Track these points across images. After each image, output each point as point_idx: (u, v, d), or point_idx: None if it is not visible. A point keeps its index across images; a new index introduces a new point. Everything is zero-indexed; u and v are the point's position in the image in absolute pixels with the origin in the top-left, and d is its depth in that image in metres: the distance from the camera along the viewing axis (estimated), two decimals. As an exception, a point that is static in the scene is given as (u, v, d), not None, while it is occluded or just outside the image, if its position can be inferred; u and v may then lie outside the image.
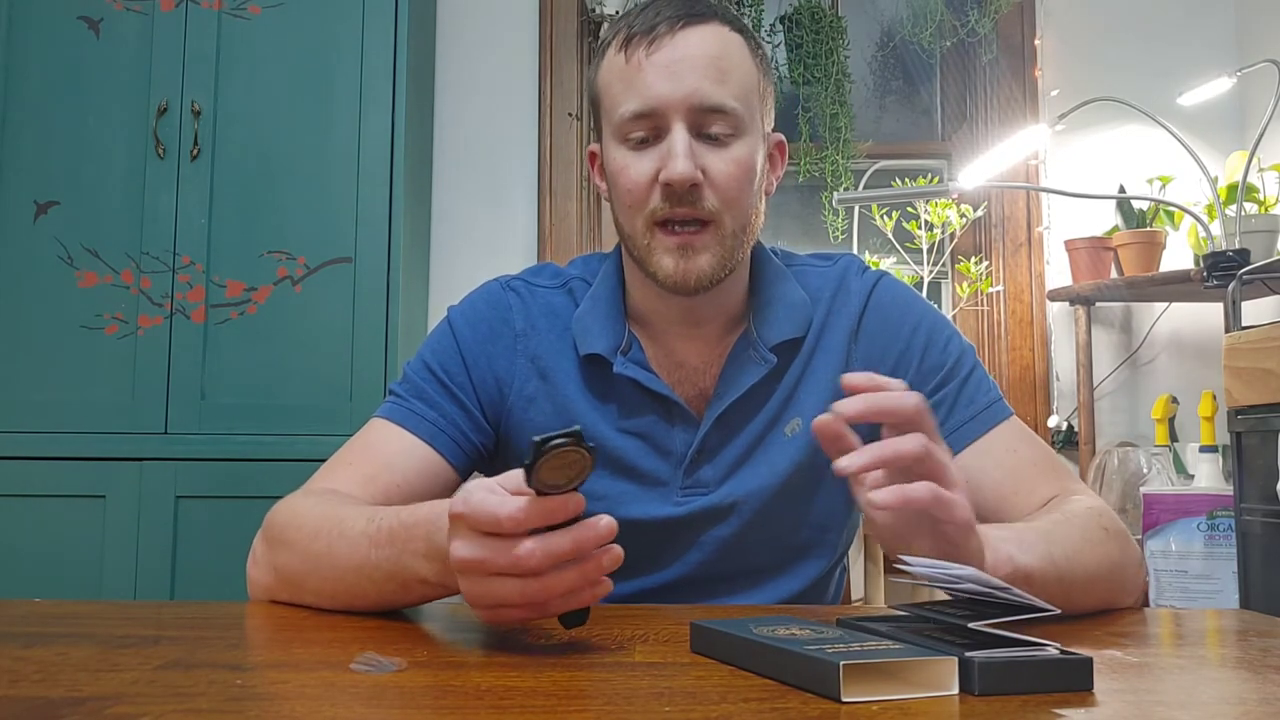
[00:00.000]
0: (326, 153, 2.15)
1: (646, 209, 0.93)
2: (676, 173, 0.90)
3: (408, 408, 0.99)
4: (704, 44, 0.93)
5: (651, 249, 0.94)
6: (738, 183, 0.94)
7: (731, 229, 0.94)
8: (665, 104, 0.91)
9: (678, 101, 0.91)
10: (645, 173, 0.93)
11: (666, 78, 0.91)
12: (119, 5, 2.17)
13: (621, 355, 0.99)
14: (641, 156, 0.93)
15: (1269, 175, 2.37)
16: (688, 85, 0.91)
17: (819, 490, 1.02)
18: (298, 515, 0.89)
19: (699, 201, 0.92)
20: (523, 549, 0.64)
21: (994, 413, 0.99)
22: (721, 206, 0.93)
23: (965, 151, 2.75)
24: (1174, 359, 2.61)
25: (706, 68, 0.92)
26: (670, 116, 0.92)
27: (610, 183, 0.97)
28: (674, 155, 0.91)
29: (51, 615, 0.82)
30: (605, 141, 0.98)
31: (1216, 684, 0.65)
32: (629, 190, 0.94)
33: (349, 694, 0.56)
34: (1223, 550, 2.02)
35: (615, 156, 0.95)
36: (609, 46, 0.97)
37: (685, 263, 0.93)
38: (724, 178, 0.93)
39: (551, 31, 2.64)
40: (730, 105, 0.92)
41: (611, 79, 0.95)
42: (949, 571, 0.63)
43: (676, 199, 0.92)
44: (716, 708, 0.53)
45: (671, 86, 0.91)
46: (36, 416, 2.08)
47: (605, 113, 0.97)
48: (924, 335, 1.02)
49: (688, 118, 0.92)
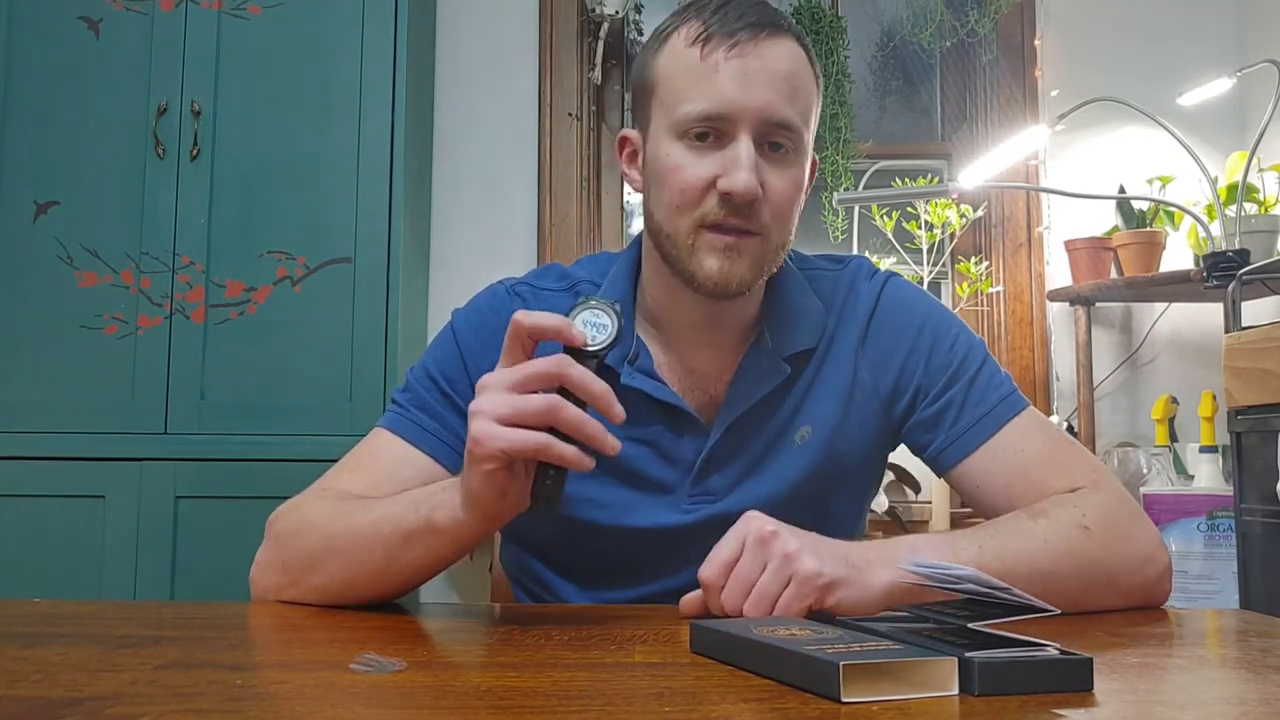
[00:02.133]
0: (326, 152, 2.15)
1: (697, 211, 0.92)
2: (742, 185, 0.89)
3: (409, 418, 0.99)
4: (781, 59, 0.91)
5: (696, 248, 0.93)
6: (791, 201, 0.94)
7: (775, 244, 0.94)
8: (738, 111, 0.90)
9: (751, 111, 0.90)
10: (702, 175, 0.91)
11: (742, 85, 0.90)
12: (119, 5, 2.17)
13: (628, 365, 0.98)
14: (700, 158, 0.91)
15: (1269, 175, 2.37)
16: (762, 97, 0.90)
17: (829, 497, 1.02)
18: (313, 507, 0.91)
19: (755, 216, 0.91)
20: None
21: (1003, 410, 0.98)
22: (772, 222, 0.92)
23: (965, 151, 2.75)
24: (1174, 359, 2.61)
25: (781, 82, 0.91)
26: (739, 124, 0.90)
27: (655, 177, 0.95)
28: (740, 167, 0.89)
29: (51, 615, 0.82)
30: (655, 133, 0.95)
31: (1216, 684, 0.65)
32: (682, 190, 0.92)
33: (349, 694, 0.56)
34: (1223, 550, 2.03)
35: (669, 152, 0.93)
36: (673, 35, 0.94)
37: (730, 265, 0.92)
38: (780, 195, 0.92)
39: (551, 31, 2.64)
40: (796, 123, 0.92)
41: (678, 72, 0.92)
42: (949, 571, 0.63)
43: (734, 209, 0.90)
44: (716, 708, 0.53)
45: (747, 95, 0.89)
46: (36, 416, 2.07)
47: (661, 103, 0.94)
48: (929, 337, 1.02)
49: (756, 129, 0.90)
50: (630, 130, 1.01)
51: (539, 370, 0.73)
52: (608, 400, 0.73)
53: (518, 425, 0.72)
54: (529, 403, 0.72)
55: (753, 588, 0.76)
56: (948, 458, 0.99)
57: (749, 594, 0.76)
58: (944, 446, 0.99)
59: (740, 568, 0.77)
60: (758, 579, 0.76)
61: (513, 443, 0.72)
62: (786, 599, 0.75)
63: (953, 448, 0.98)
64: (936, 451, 1.00)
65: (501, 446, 0.72)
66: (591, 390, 0.72)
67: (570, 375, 0.72)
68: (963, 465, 0.98)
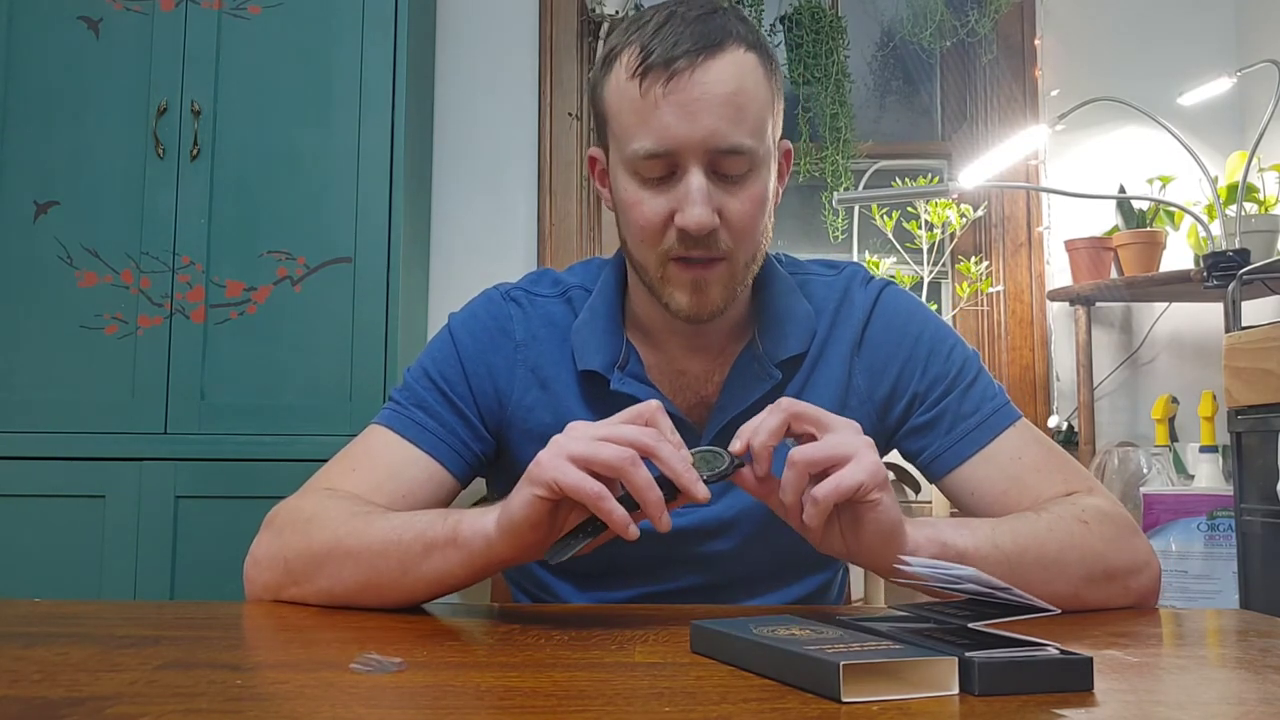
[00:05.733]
0: (326, 153, 2.15)
1: (661, 246, 0.92)
2: (694, 220, 0.88)
3: (409, 417, 0.99)
4: (721, 80, 0.88)
5: (666, 280, 0.93)
6: (752, 220, 0.93)
7: (744, 262, 0.94)
8: (682, 146, 0.88)
9: (695, 144, 0.88)
10: (659, 211, 0.91)
11: (684, 119, 0.88)
12: (119, 5, 2.17)
13: (619, 370, 0.98)
14: (655, 195, 0.91)
15: (1269, 175, 2.37)
16: (705, 127, 0.88)
17: None
18: (324, 506, 0.90)
19: (715, 244, 0.91)
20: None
21: (998, 419, 0.98)
22: (735, 245, 0.92)
23: (965, 151, 2.75)
24: (1174, 359, 2.61)
25: (724, 105, 0.88)
26: (687, 158, 0.89)
27: (620, 208, 0.95)
28: (692, 202, 0.88)
29: (51, 615, 0.82)
30: (614, 164, 0.95)
31: (1216, 684, 0.65)
32: (642, 227, 0.92)
33: (349, 694, 0.56)
34: (1223, 550, 2.02)
35: (626, 188, 0.93)
36: (617, 62, 0.91)
37: (700, 296, 0.93)
38: (739, 217, 0.91)
39: (551, 31, 2.64)
40: (747, 145, 0.90)
41: (623, 107, 0.91)
42: (949, 572, 0.63)
43: (692, 242, 0.90)
44: (716, 708, 0.53)
45: (689, 128, 0.88)
46: (36, 416, 2.08)
47: (614, 137, 0.94)
48: (926, 345, 1.02)
49: (704, 159, 0.89)
50: (596, 149, 1.00)
51: (633, 436, 0.74)
52: (690, 489, 0.74)
53: (588, 470, 0.73)
54: (606, 448, 0.73)
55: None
56: (943, 463, 0.99)
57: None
58: (940, 452, 0.99)
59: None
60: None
61: (572, 481, 0.73)
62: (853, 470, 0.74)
63: (949, 453, 0.98)
64: (931, 457, 1.00)
65: (559, 479, 0.73)
66: (680, 476, 0.74)
67: (661, 453, 0.74)
68: (959, 471, 0.98)
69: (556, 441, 0.75)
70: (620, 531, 0.73)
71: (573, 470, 0.73)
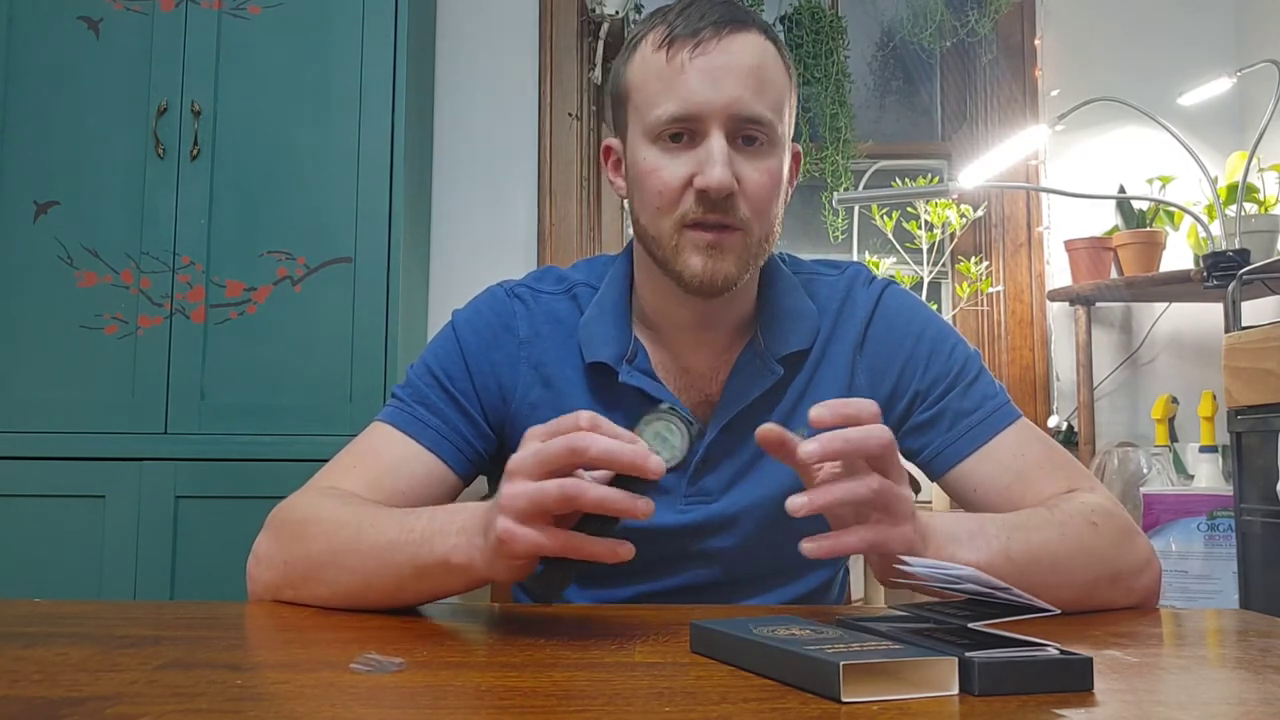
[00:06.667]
0: (326, 153, 2.15)
1: (677, 211, 0.93)
2: (715, 180, 0.90)
3: (411, 414, 0.99)
4: (746, 53, 0.92)
5: (680, 248, 0.93)
6: (769, 193, 0.94)
7: (758, 237, 0.94)
8: (706, 109, 0.91)
9: (719, 108, 0.90)
10: (679, 175, 0.92)
11: (709, 83, 0.91)
12: (119, 5, 2.17)
13: (627, 364, 0.98)
14: (675, 159, 0.92)
15: (1269, 175, 2.37)
16: (730, 93, 0.90)
17: None
18: (319, 508, 0.90)
19: (733, 210, 0.92)
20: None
21: (999, 418, 0.99)
22: (752, 215, 0.93)
23: (965, 151, 2.75)
24: (1174, 359, 2.61)
25: (747, 77, 0.91)
26: (709, 122, 0.91)
27: (636, 182, 0.96)
28: (713, 163, 0.90)
29: (51, 615, 0.82)
30: (632, 139, 0.96)
31: (1216, 684, 0.65)
32: (659, 192, 0.93)
33: (349, 694, 0.56)
34: (1223, 550, 2.03)
35: (646, 156, 0.94)
36: (642, 42, 0.95)
37: (714, 262, 0.93)
38: (756, 187, 0.92)
39: (551, 32, 2.64)
40: (767, 116, 0.92)
41: (648, 77, 0.94)
42: (949, 572, 0.63)
43: (711, 205, 0.91)
44: (716, 708, 0.53)
45: (714, 92, 0.90)
46: (36, 416, 2.08)
47: (635, 110, 0.95)
48: (928, 344, 1.02)
49: (726, 125, 0.91)
50: (612, 139, 1.02)
51: (555, 453, 0.71)
52: (640, 466, 0.70)
53: (541, 516, 0.71)
54: (546, 495, 0.70)
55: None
56: (945, 460, 0.99)
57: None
58: (941, 449, 0.99)
59: None
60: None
61: (538, 546, 0.71)
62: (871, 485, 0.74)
63: (950, 450, 0.99)
64: (933, 454, 1.00)
65: (524, 550, 0.72)
66: (619, 462, 0.70)
67: (592, 458, 0.70)
68: (961, 467, 0.98)
69: (504, 506, 0.72)
70: (616, 556, 0.71)
71: (532, 536, 0.70)
